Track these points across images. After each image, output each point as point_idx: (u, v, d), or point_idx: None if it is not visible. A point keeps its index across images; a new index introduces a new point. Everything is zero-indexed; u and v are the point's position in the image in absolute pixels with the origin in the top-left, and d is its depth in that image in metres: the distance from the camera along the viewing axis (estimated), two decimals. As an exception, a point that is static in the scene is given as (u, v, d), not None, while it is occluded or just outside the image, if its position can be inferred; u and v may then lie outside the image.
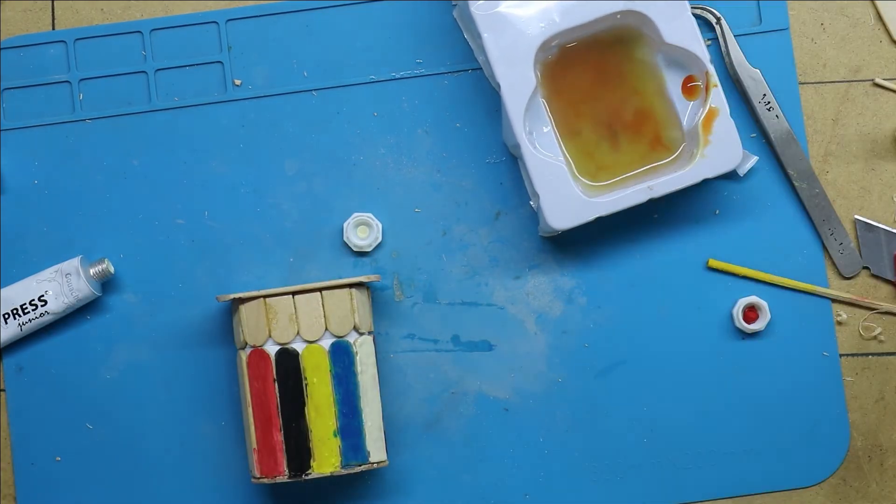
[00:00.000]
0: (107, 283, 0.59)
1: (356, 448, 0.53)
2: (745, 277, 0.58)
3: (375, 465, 0.53)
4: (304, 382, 0.53)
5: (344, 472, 0.53)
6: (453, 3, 0.59)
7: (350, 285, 0.53)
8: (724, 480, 0.58)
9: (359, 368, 0.53)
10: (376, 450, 0.53)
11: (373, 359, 0.54)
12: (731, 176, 0.59)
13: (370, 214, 0.58)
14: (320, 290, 0.53)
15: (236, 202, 0.59)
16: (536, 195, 0.54)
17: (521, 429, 0.58)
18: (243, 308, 0.53)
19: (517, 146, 0.54)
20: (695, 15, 0.58)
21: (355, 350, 0.53)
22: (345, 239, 0.58)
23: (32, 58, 0.60)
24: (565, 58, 0.56)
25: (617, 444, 0.58)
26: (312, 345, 0.52)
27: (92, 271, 0.57)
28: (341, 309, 0.53)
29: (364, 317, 0.54)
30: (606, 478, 0.58)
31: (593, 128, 0.56)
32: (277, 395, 0.53)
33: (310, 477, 0.52)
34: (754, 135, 0.59)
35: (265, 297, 0.53)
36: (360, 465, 0.53)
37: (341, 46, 0.60)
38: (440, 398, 0.58)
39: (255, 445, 0.53)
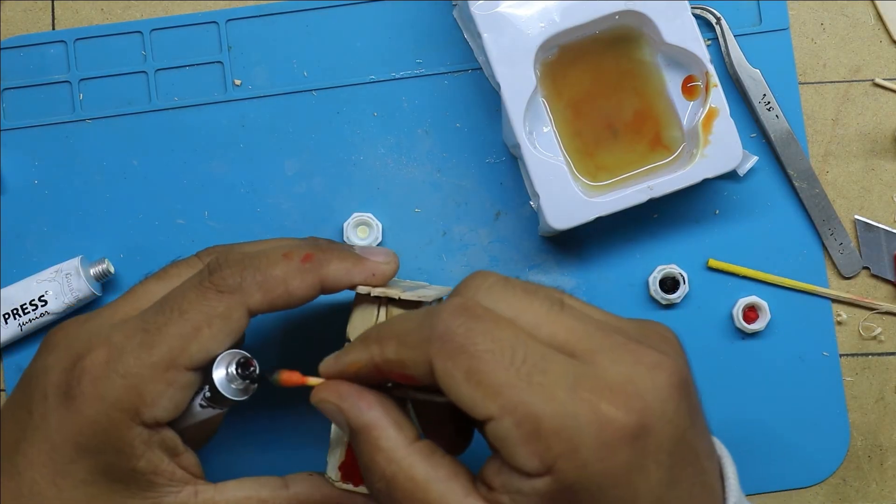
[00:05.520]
0: (107, 283, 0.59)
1: None
2: (745, 277, 0.58)
3: None
4: None
5: None
6: (453, 3, 0.59)
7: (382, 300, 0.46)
8: (724, 480, 0.58)
9: None
10: None
11: None
12: (731, 176, 0.59)
13: (370, 214, 0.58)
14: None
15: (236, 202, 0.59)
16: (536, 195, 0.54)
17: (521, 429, 0.58)
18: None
19: (517, 146, 0.54)
20: (695, 15, 0.58)
21: None
22: (345, 239, 0.58)
23: (32, 58, 0.60)
24: (565, 58, 0.56)
25: (617, 444, 0.58)
26: None
27: (92, 271, 0.57)
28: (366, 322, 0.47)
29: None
30: (606, 478, 0.58)
31: (593, 128, 0.56)
32: None
33: None
34: (754, 135, 0.59)
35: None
36: None
37: (341, 46, 0.60)
38: (440, 398, 0.58)
39: None
